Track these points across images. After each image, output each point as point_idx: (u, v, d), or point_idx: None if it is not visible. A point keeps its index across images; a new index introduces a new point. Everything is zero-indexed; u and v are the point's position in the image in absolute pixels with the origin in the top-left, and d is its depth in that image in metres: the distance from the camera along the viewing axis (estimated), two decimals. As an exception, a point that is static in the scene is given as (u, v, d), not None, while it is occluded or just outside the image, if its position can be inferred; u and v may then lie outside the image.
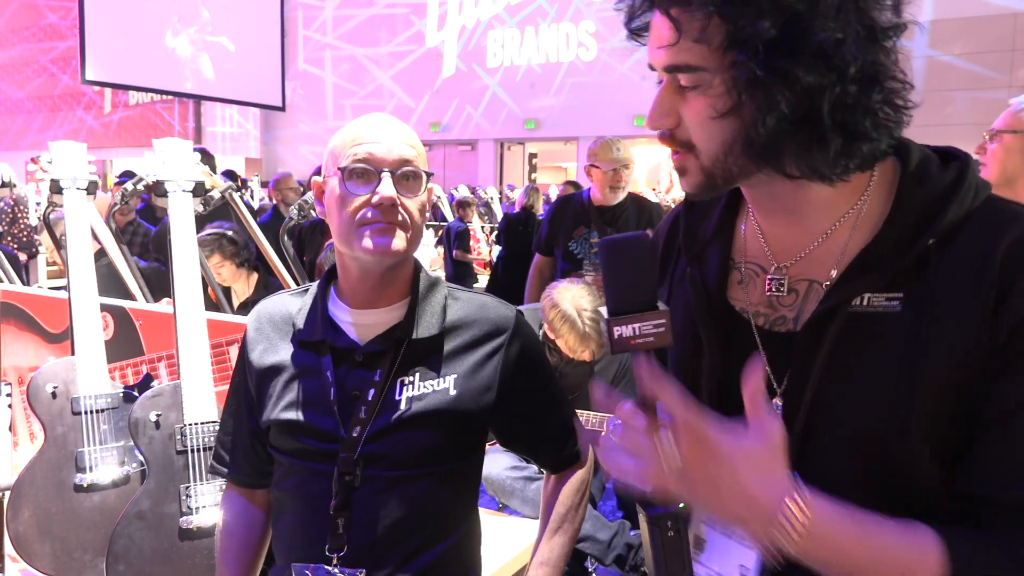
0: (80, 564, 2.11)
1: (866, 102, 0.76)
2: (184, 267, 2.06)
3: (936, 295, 0.78)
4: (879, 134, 0.78)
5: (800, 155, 0.78)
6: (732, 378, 0.86)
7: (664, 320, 0.81)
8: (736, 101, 0.77)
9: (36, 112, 20.61)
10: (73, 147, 2.47)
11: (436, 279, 1.34)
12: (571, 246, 3.42)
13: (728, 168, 0.82)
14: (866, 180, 0.85)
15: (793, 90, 0.74)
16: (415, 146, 1.24)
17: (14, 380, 3.17)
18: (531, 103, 15.06)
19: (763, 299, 0.90)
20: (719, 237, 0.96)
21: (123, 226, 5.17)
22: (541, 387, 1.37)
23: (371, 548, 1.21)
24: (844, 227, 0.85)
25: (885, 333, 0.80)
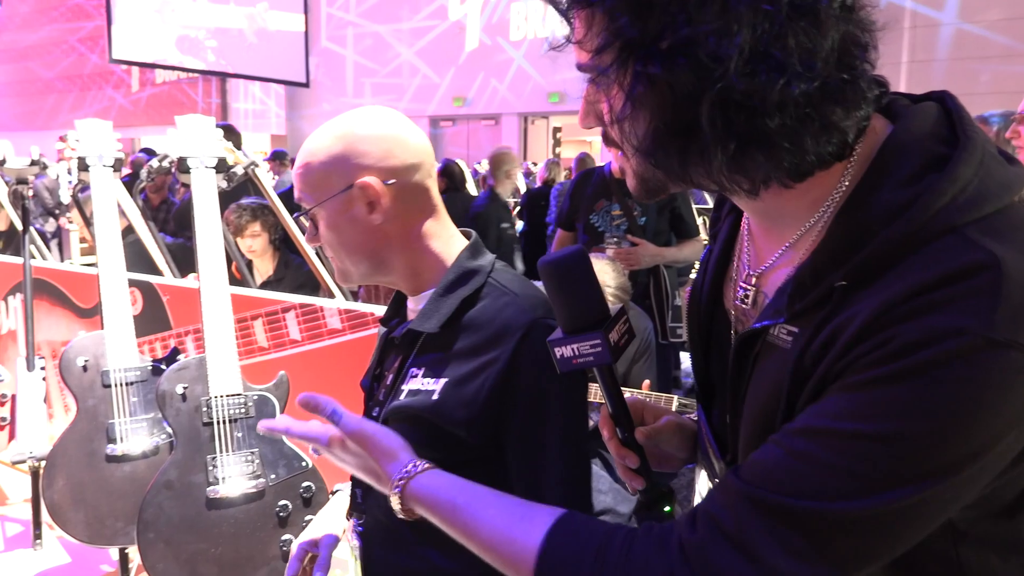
0: (112, 531, 2.18)
1: (768, 99, 0.63)
2: (208, 243, 2.09)
3: (818, 339, 0.67)
4: (799, 137, 0.65)
5: (687, 167, 0.69)
6: (711, 378, 0.87)
7: (599, 340, 0.82)
8: (629, 109, 0.68)
9: (67, 92, 20.83)
10: (99, 125, 2.51)
11: (476, 269, 1.18)
12: (592, 219, 3.40)
13: (652, 174, 0.73)
14: (835, 181, 0.71)
15: (660, 94, 0.66)
16: (304, 179, 1.16)
17: (48, 354, 3.25)
18: (555, 76, 14.93)
19: (738, 305, 0.82)
20: (729, 219, 0.89)
21: (157, 204, 5.23)
22: (543, 430, 1.09)
23: (377, 527, 1.24)
24: (805, 239, 0.74)
25: (774, 369, 0.72)
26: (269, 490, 1.93)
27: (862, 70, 0.66)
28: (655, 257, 3.35)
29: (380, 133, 1.16)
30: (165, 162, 3.17)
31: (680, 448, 0.98)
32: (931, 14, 11.11)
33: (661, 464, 0.99)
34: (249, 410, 1.96)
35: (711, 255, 0.88)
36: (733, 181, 0.69)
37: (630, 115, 0.69)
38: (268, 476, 1.93)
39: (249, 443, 1.94)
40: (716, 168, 0.67)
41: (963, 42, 11.14)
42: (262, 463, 1.93)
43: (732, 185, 0.70)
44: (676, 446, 0.97)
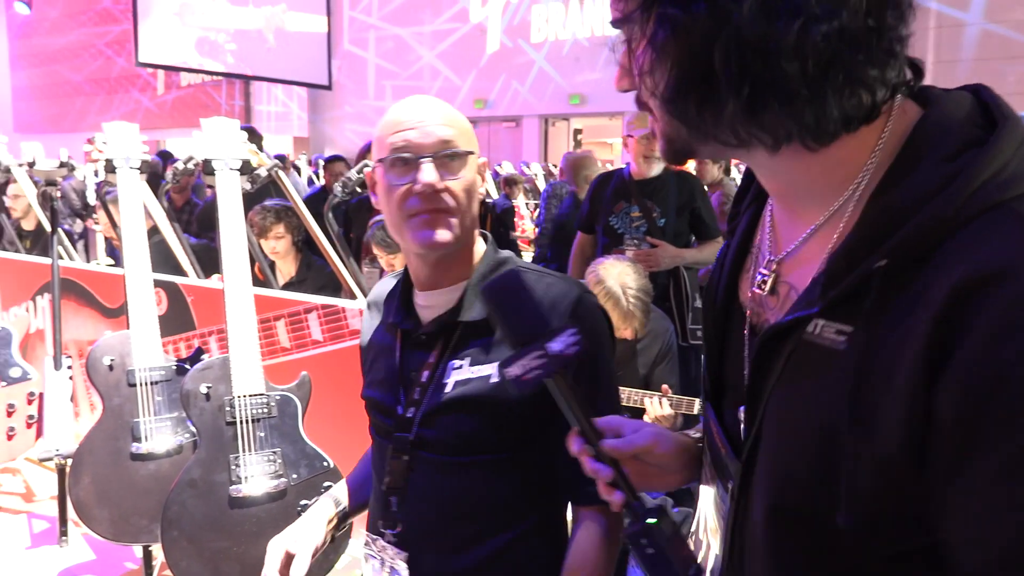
0: (136, 529, 2.20)
1: (783, 41, 0.61)
2: (232, 244, 2.11)
3: (881, 341, 0.62)
4: (819, 85, 0.62)
5: (703, 115, 0.67)
6: (725, 375, 0.83)
7: (541, 352, 0.85)
8: (651, 59, 0.68)
9: (94, 95, 21.12)
10: (126, 127, 2.54)
11: (505, 258, 1.28)
12: (611, 221, 3.40)
13: (678, 133, 0.71)
14: (864, 158, 0.68)
15: (680, 39, 0.64)
16: (456, 124, 1.21)
17: (74, 353, 3.29)
18: (576, 78, 14.92)
19: (756, 295, 0.78)
20: (748, 212, 0.86)
21: (180, 205, 5.29)
22: (595, 390, 1.21)
23: (425, 532, 1.23)
24: (834, 220, 0.70)
25: (826, 375, 0.65)
26: (291, 490, 1.95)
27: (892, 24, 0.63)
28: (675, 258, 3.34)
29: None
30: (190, 164, 3.20)
31: (675, 464, 0.93)
32: (956, 14, 10.98)
33: (652, 481, 0.94)
34: (272, 410, 1.98)
35: (728, 249, 0.87)
36: (751, 133, 0.66)
37: (653, 64, 0.68)
38: (290, 476, 1.95)
39: (271, 443, 1.96)
40: (731, 116, 0.65)
41: (988, 42, 11.00)
42: (284, 463, 1.95)
43: (750, 138, 0.67)
44: (668, 462, 0.93)
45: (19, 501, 2.90)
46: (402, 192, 1.18)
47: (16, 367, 2.82)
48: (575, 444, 0.89)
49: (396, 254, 3.23)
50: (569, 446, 0.89)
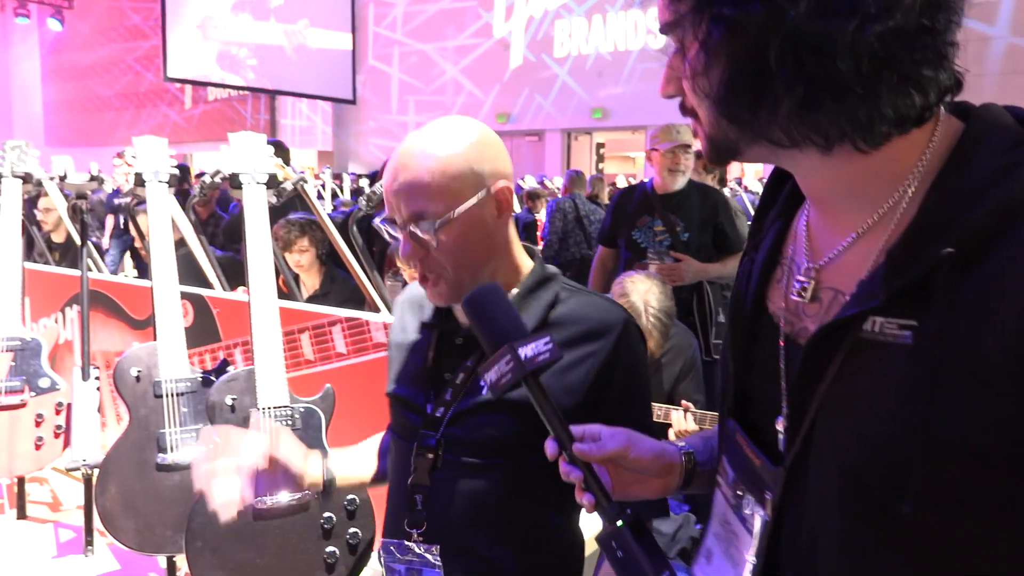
0: (161, 539, 2.22)
1: (839, 40, 0.61)
2: (258, 257, 2.13)
3: (954, 330, 0.61)
4: (873, 84, 0.63)
5: (757, 115, 0.67)
6: (753, 388, 0.82)
7: (509, 355, 0.90)
8: (704, 61, 0.69)
9: (123, 109, 21.48)
10: (155, 142, 2.58)
11: (551, 275, 1.28)
12: (634, 235, 3.39)
13: (725, 135, 0.71)
14: (913, 161, 0.68)
15: (735, 38, 0.65)
16: (431, 187, 1.14)
17: (102, 364, 3.34)
18: (599, 92, 14.95)
19: (791, 303, 0.78)
20: (775, 225, 0.85)
21: (205, 218, 5.36)
22: (633, 408, 1.25)
23: (449, 531, 1.24)
24: (882, 223, 0.70)
25: (891, 371, 0.65)
26: (314, 502, 1.95)
27: (943, 26, 0.64)
28: (699, 273, 3.32)
29: (497, 140, 1.24)
30: (217, 178, 3.24)
31: (652, 468, 0.95)
32: (983, 28, 10.89)
33: (631, 488, 0.95)
34: (296, 422, 1.99)
35: (753, 263, 0.86)
36: (804, 133, 0.67)
37: (706, 65, 0.68)
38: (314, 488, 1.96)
39: (295, 455, 1.97)
40: (785, 115, 0.66)
41: (1015, 56, 10.90)
42: (307, 475, 1.96)
43: (803, 138, 0.67)
44: (644, 466, 0.94)
45: (46, 510, 2.93)
46: (399, 248, 1.21)
47: (45, 377, 2.86)
48: (549, 447, 0.92)
49: (419, 267, 3.23)
50: (545, 450, 0.93)
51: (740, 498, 0.82)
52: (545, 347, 0.92)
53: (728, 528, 0.84)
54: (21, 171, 3.10)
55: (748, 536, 0.80)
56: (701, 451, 1.01)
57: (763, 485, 0.78)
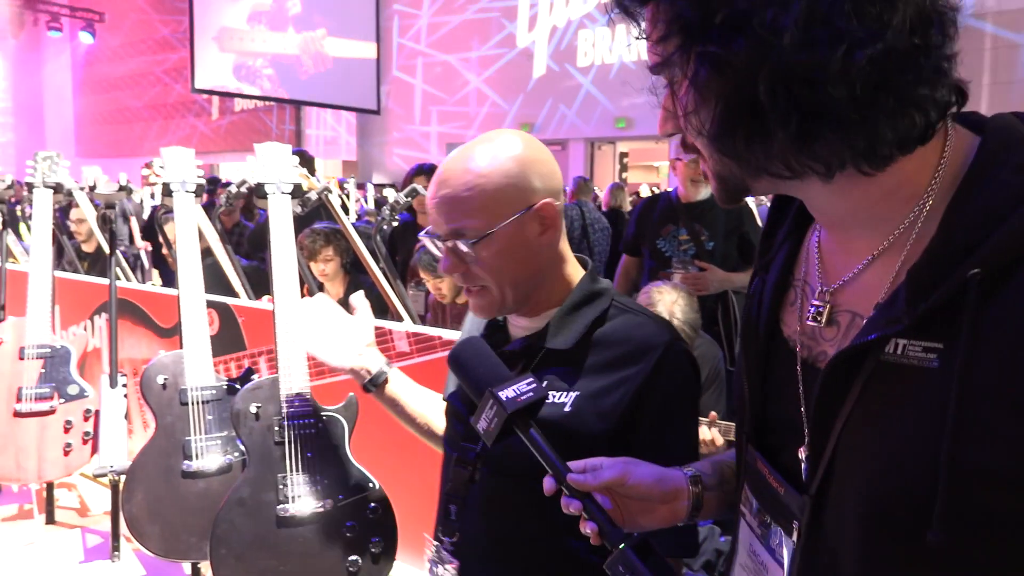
0: (186, 546, 2.24)
1: (828, 68, 0.60)
2: (283, 266, 2.15)
3: (984, 354, 0.60)
4: (869, 109, 0.62)
5: (752, 150, 0.66)
6: (770, 414, 0.81)
7: (491, 400, 0.92)
8: (695, 99, 0.68)
9: (152, 120, 21.79)
10: (182, 152, 2.61)
11: (601, 291, 1.25)
12: (659, 244, 3.38)
13: (729, 171, 0.71)
14: (926, 179, 0.67)
15: (722, 75, 0.64)
16: (471, 204, 1.14)
17: (129, 371, 3.38)
18: (623, 101, 14.93)
19: (807, 327, 0.77)
20: (786, 244, 0.84)
21: (230, 228, 5.42)
22: (668, 437, 1.18)
23: (479, 545, 1.24)
24: (898, 244, 0.69)
25: (916, 395, 0.64)
26: (337, 510, 1.96)
27: (938, 42, 0.63)
28: (723, 282, 3.30)
29: (544, 155, 1.21)
30: (243, 187, 3.28)
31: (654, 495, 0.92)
32: (1011, 36, 10.75)
33: (638, 518, 0.92)
34: (319, 431, 2.00)
35: (764, 285, 0.84)
36: (803, 163, 0.66)
37: (697, 103, 0.68)
38: (336, 496, 1.96)
39: (318, 463, 1.97)
40: (781, 148, 0.64)
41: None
42: (331, 484, 1.96)
43: (803, 168, 0.66)
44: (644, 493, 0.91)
45: (74, 516, 2.97)
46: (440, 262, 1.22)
47: (74, 384, 2.89)
48: (547, 483, 0.92)
49: (443, 277, 3.25)
50: (544, 486, 0.92)
51: (767, 528, 0.80)
52: (528, 387, 0.93)
53: (756, 559, 0.82)
54: (52, 181, 3.16)
55: (778, 567, 0.78)
56: (709, 474, 0.97)
57: (789, 514, 0.76)
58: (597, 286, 1.26)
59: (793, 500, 0.75)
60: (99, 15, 19.68)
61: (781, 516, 0.77)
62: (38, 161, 3.16)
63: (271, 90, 17.07)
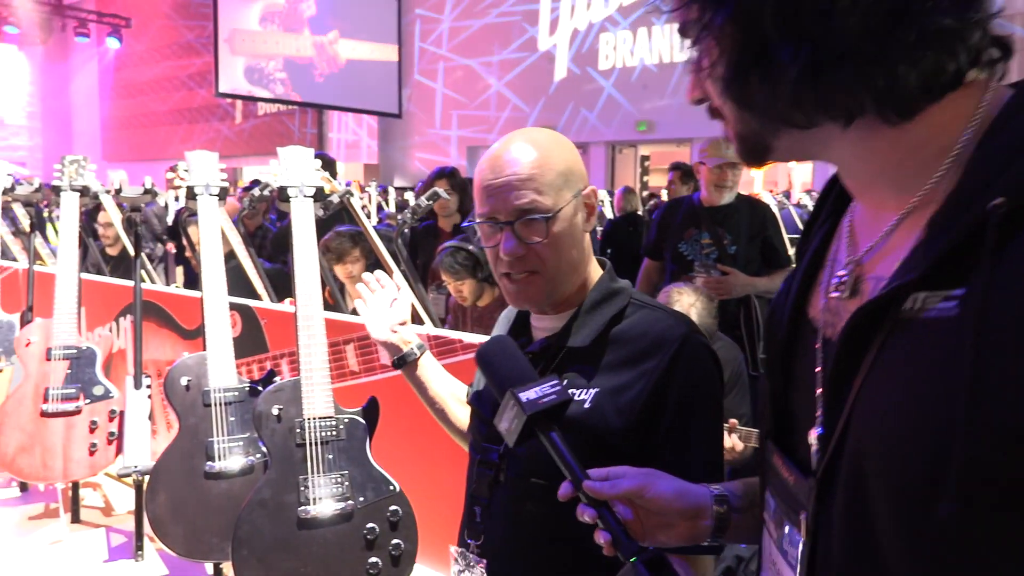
0: (208, 547, 2.25)
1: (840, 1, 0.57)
2: (305, 269, 2.16)
3: (1005, 295, 0.53)
4: (886, 44, 0.57)
5: (766, 93, 0.63)
6: (792, 404, 0.77)
7: (512, 401, 0.91)
8: (714, 49, 0.66)
9: (177, 125, 22.03)
10: (206, 156, 2.64)
11: (619, 289, 1.26)
12: (681, 247, 3.36)
13: (749, 128, 0.68)
14: (957, 133, 0.61)
15: (735, 17, 0.62)
16: (540, 178, 1.17)
17: (153, 373, 3.41)
18: (644, 104, 14.89)
19: (832, 303, 0.72)
20: (820, 232, 0.80)
21: (252, 231, 5.46)
22: (688, 434, 1.17)
23: (503, 547, 1.24)
24: (926, 201, 0.63)
25: (933, 348, 0.58)
26: (358, 512, 1.96)
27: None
28: (746, 287, 3.27)
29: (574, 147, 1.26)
30: (265, 191, 3.30)
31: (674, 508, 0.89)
32: None
33: (657, 534, 0.90)
34: (340, 433, 2.01)
35: (795, 272, 0.81)
36: (820, 106, 0.62)
37: (716, 55, 0.66)
38: (357, 498, 1.97)
39: (339, 465, 1.98)
40: (795, 87, 0.61)
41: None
42: (351, 485, 1.97)
43: (820, 111, 0.62)
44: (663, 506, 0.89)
45: (99, 515, 3.00)
46: (491, 253, 1.22)
47: (99, 385, 2.93)
48: (563, 489, 0.91)
49: (464, 280, 3.25)
50: (559, 492, 0.91)
51: (782, 529, 0.76)
52: (551, 389, 0.93)
53: (773, 569, 0.78)
54: (79, 185, 3.20)
55: (790, 571, 0.73)
56: (739, 496, 0.93)
57: (797, 505, 0.71)
58: (615, 285, 1.27)
59: (801, 488, 0.71)
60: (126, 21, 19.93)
61: (792, 511, 0.73)
62: (65, 165, 3.20)
63: (284, 93, 17.17)
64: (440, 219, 4.31)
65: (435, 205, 3.50)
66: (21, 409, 2.83)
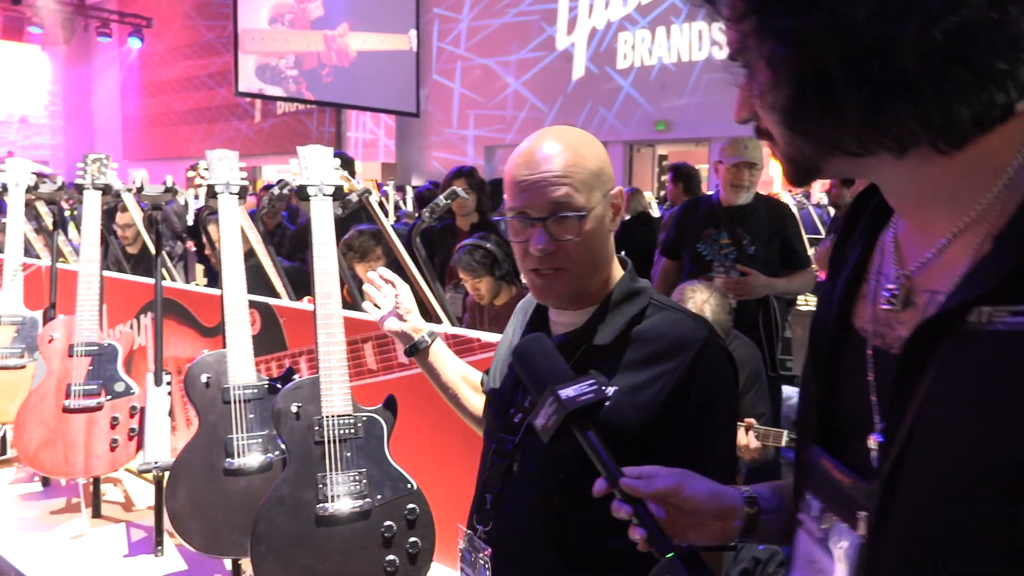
0: (227, 543, 2.27)
1: (901, 41, 0.60)
2: (324, 267, 2.17)
3: None
4: (944, 83, 0.61)
5: (824, 126, 0.66)
6: (838, 410, 0.79)
7: (551, 398, 0.92)
8: (771, 78, 0.68)
9: (197, 124, 22.21)
10: (227, 155, 2.65)
11: (640, 289, 1.29)
12: (699, 247, 3.35)
13: (800, 152, 0.71)
14: (1009, 156, 0.66)
15: (797, 50, 0.64)
16: (575, 175, 1.19)
17: (172, 370, 3.44)
18: (663, 104, 14.83)
19: (882, 315, 0.76)
20: (859, 243, 0.83)
21: (272, 229, 5.50)
22: (706, 434, 1.21)
23: (512, 536, 1.25)
24: (980, 221, 0.67)
25: (1002, 363, 0.61)
26: (375, 510, 1.97)
27: (1017, 18, 0.61)
28: (766, 287, 3.26)
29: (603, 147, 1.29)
30: (285, 190, 3.32)
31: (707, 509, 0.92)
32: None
33: (688, 533, 0.92)
34: (358, 431, 2.01)
35: (835, 287, 0.83)
36: (876, 139, 0.65)
37: (773, 82, 0.68)
38: (375, 496, 1.98)
39: (358, 463, 1.99)
40: (854, 122, 0.64)
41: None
42: (369, 483, 1.98)
43: (876, 144, 0.66)
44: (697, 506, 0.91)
45: (119, 510, 3.03)
46: (520, 249, 1.23)
47: (120, 382, 2.96)
48: (598, 485, 0.93)
49: (481, 278, 3.26)
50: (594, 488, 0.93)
51: (827, 530, 0.78)
52: (589, 388, 0.95)
53: (814, 567, 0.79)
54: (101, 183, 3.23)
55: (839, 567, 0.76)
56: (768, 499, 0.95)
57: (854, 505, 0.74)
58: (636, 284, 1.29)
59: (859, 491, 0.73)
60: (147, 20, 20.12)
61: (845, 510, 0.75)
62: (88, 163, 3.23)
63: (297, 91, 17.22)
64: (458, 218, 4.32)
65: (453, 204, 3.51)
66: (44, 405, 2.86)
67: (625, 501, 0.89)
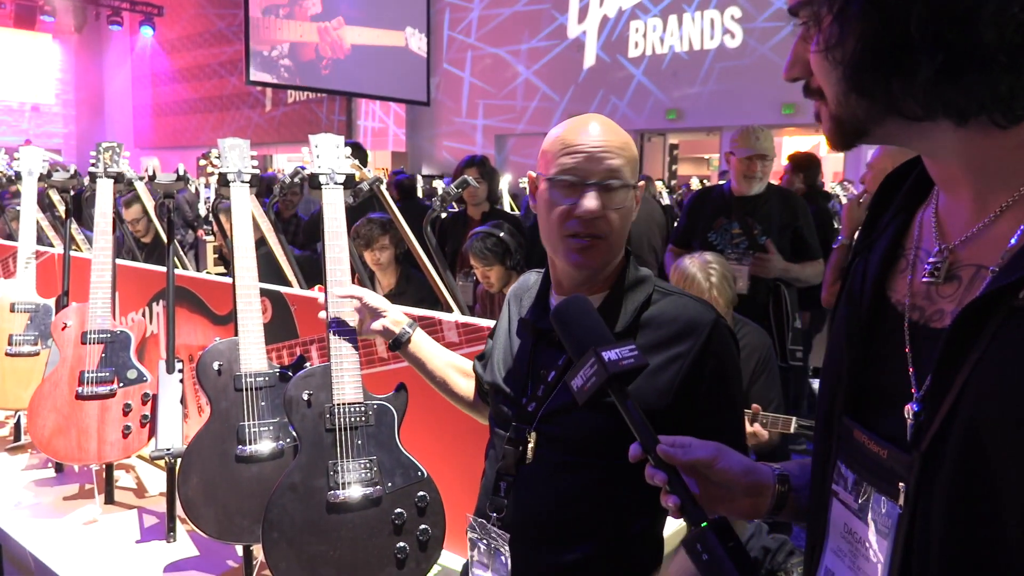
0: (239, 529, 2.28)
1: (982, 9, 0.60)
2: (335, 256, 2.17)
3: None
4: (1019, 54, 0.61)
5: (891, 86, 0.66)
6: (871, 382, 0.79)
7: (593, 359, 0.91)
8: (838, 32, 0.68)
9: (208, 112, 22.25)
10: (238, 143, 2.66)
11: (645, 276, 1.34)
12: (710, 236, 3.34)
13: (852, 112, 0.71)
14: None
15: (875, 6, 0.64)
16: (625, 154, 1.26)
17: (185, 358, 3.46)
18: (674, 92, 14.75)
19: (921, 288, 0.76)
20: (894, 221, 0.84)
21: (287, 218, 5.51)
22: (722, 412, 1.28)
23: (528, 522, 1.27)
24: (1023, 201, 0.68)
25: None
26: (386, 498, 1.98)
27: None
28: (784, 271, 3.26)
29: None
30: (296, 178, 3.32)
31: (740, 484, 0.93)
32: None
33: (719, 505, 0.93)
34: (369, 419, 2.02)
35: (867, 262, 0.83)
36: (940, 105, 0.65)
37: (841, 36, 0.68)
38: (385, 484, 1.98)
39: (368, 451, 2.00)
40: (922, 86, 0.65)
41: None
42: (380, 471, 1.99)
43: (939, 110, 0.66)
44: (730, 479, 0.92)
45: (132, 496, 3.05)
46: (562, 212, 1.25)
47: (133, 369, 2.97)
48: (633, 450, 0.92)
49: (492, 267, 3.26)
50: (629, 453, 0.93)
51: (865, 501, 0.78)
52: (630, 353, 0.94)
53: (852, 538, 0.79)
54: (113, 171, 3.24)
55: (880, 538, 0.76)
56: (797, 476, 0.97)
57: (894, 476, 0.74)
58: (640, 273, 1.34)
59: (899, 461, 0.73)
60: (158, 9, 20.13)
61: (884, 481, 0.75)
62: (100, 152, 3.24)
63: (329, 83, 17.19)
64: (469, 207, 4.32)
65: (464, 193, 3.50)
66: (57, 392, 2.88)
67: (659, 467, 0.90)
